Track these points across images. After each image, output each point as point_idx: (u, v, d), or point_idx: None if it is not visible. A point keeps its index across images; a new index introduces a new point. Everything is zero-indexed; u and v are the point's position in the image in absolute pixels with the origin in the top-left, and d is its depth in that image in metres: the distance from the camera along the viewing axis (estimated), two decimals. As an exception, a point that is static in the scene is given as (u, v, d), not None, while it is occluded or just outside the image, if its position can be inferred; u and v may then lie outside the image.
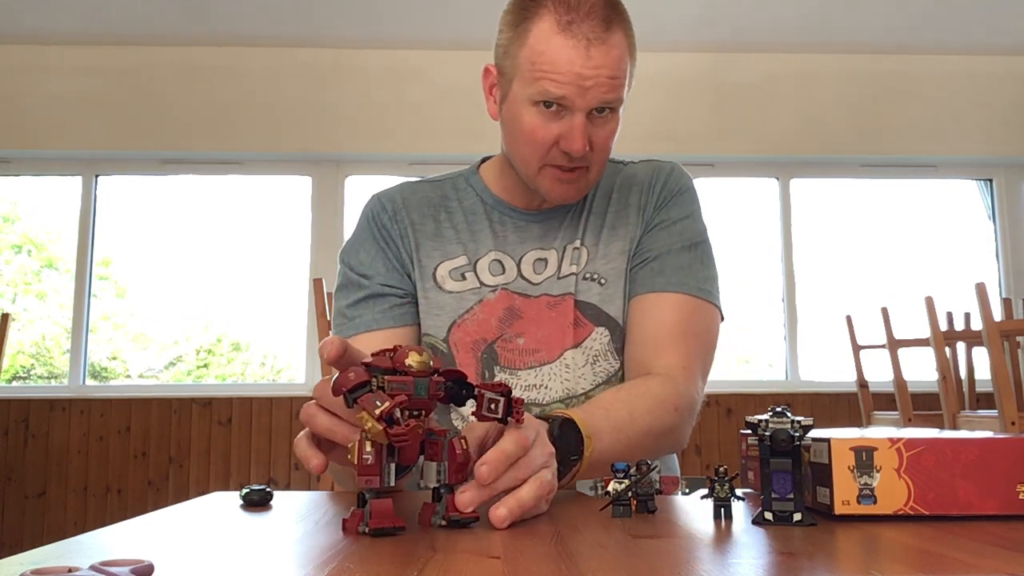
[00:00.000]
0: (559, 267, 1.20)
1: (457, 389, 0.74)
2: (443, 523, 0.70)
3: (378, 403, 0.65)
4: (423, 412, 0.71)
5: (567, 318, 1.17)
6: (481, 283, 1.19)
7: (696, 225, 1.22)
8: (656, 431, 1.05)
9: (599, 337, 1.16)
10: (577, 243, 1.21)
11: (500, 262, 1.21)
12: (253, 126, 4.42)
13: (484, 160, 1.30)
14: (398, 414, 0.65)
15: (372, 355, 0.71)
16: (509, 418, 0.73)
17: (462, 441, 0.72)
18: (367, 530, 0.66)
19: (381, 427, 0.64)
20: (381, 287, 1.20)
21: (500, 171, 1.24)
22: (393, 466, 0.68)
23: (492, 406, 0.73)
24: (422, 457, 0.71)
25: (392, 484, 0.68)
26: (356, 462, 0.66)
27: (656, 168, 1.26)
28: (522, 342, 1.16)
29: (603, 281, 1.18)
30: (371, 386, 0.68)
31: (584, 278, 1.18)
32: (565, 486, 0.91)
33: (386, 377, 0.69)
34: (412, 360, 0.70)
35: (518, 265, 1.20)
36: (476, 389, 0.74)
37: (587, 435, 0.93)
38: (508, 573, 0.53)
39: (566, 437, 0.91)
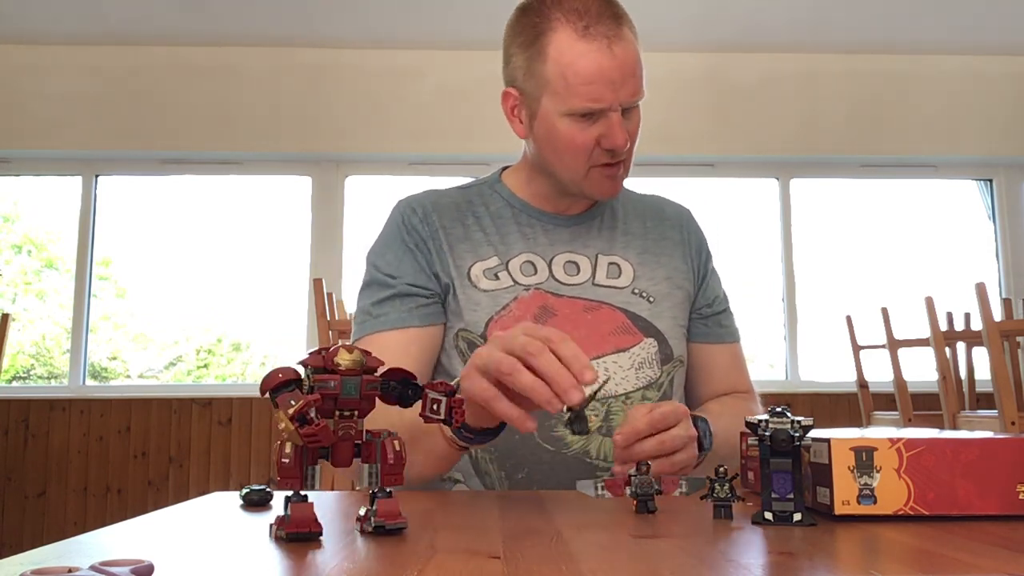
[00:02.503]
0: (593, 274, 1.26)
1: (402, 389, 0.72)
2: (370, 529, 0.68)
3: (292, 402, 0.63)
4: (355, 412, 0.68)
5: (608, 325, 1.22)
6: (515, 281, 1.23)
7: (716, 270, 1.40)
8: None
9: (647, 347, 1.23)
10: (615, 257, 1.28)
11: (532, 263, 1.25)
12: (253, 126, 4.42)
13: (504, 169, 1.35)
14: (312, 414, 0.63)
15: (309, 353, 0.69)
16: (451, 419, 0.72)
17: (395, 443, 0.69)
18: (284, 535, 0.65)
19: (293, 427, 0.63)
20: (408, 287, 1.22)
21: (527, 179, 1.29)
22: (318, 468, 0.66)
23: (435, 406, 0.72)
24: (357, 460, 0.69)
25: (317, 487, 0.67)
26: (276, 464, 0.64)
27: (678, 209, 1.39)
28: None
29: (652, 299, 1.27)
30: (299, 385, 0.66)
31: (634, 292, 1.26)
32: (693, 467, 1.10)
33: (314, 376, 0.67)
34: (341, 358, 0.67)
35: (549, 266, 1.25)
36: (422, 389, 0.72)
37: (713, 432, 1.11)
38: (508, 573, 0.53)
39: (701, 430, 1.09)
